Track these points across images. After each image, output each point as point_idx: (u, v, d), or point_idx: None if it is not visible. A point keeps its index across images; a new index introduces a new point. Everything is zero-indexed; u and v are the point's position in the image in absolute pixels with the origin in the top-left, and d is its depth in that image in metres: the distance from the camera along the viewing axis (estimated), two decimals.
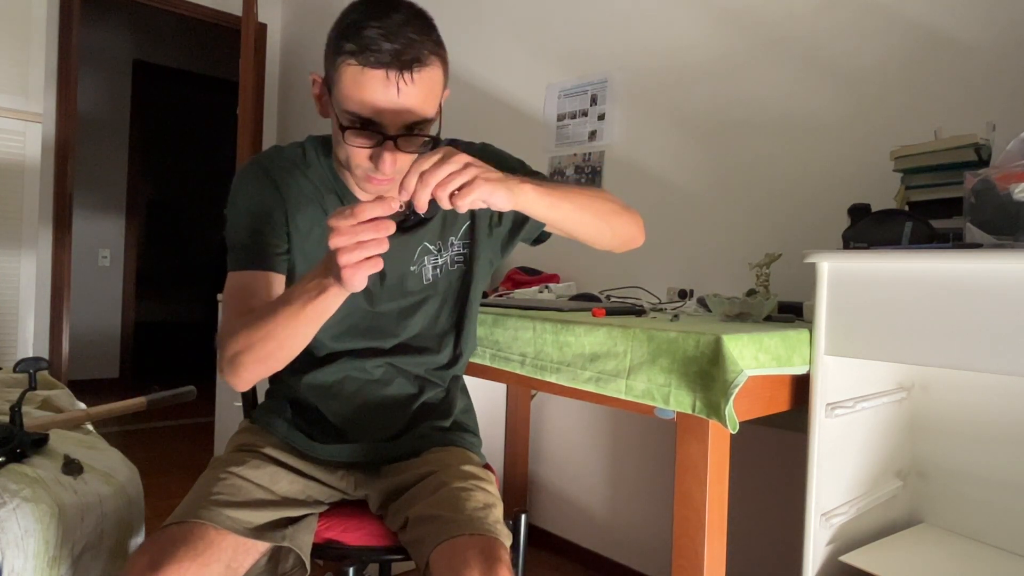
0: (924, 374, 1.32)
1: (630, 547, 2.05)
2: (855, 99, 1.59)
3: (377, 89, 0.88)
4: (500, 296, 1.86)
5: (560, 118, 2.27)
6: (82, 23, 3.27)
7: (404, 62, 0.88)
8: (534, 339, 1.24)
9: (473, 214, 1.14)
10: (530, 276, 2.17)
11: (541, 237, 1.19)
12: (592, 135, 2.17)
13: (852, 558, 1.15)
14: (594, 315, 1.27)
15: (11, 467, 1.13)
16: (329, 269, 0.80)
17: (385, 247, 0.75)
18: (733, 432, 0.99)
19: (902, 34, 1.52)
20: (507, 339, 1.29)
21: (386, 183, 0.97)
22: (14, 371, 1.25)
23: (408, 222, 1.10)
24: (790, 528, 1.68)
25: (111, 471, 1.25)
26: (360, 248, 0.74)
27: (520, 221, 1.15)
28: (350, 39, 0.88)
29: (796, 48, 1.70)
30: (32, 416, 1.47)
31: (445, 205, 0.78)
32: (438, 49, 0.93)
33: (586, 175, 2.17)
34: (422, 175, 0.76)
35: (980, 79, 1.41)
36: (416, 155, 0.91)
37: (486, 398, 2.23)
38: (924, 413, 1.33)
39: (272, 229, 1.04)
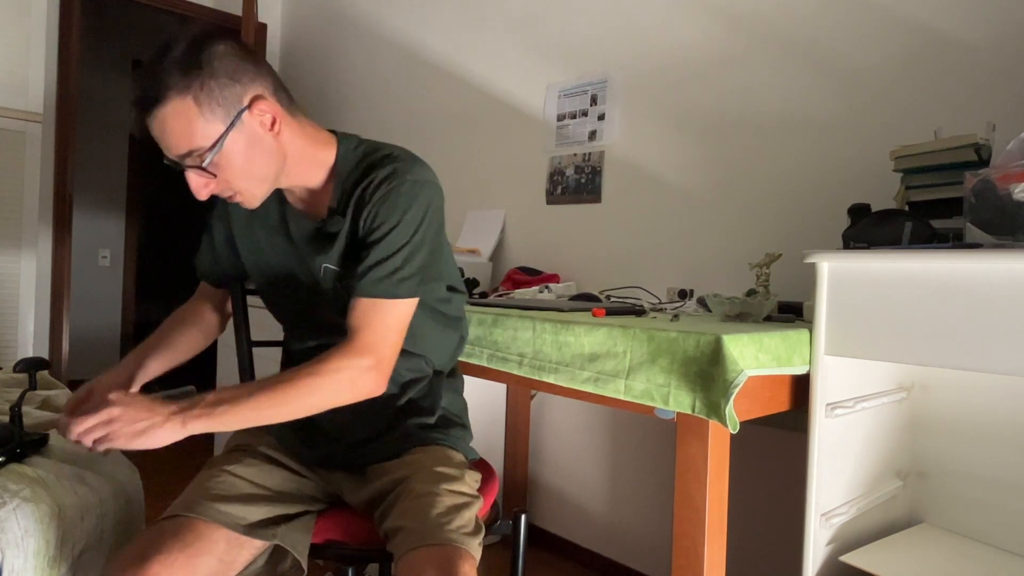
0: (924, 374, 1.31)
1: (630, 547, 2.05)
2: (855, 99, 1.59)
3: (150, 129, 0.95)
4: (500, 296, 1.86)
5: (560, 118, 2.27)
6: (82, 23, 3.26)
7: (144, 104, 0.92)
8: (533, 339, 1.24)
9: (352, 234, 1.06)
10: (530, 276, 2.17)
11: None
12: (592, 135, 2.16)
13: (852, 558, 1.15)
14: (594, 315, 1.27)
15: (11, 467, 1.13)
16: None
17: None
18: (733, 432, 0.99)
19: (902, 34, 1.52)
20: (506, 339, 1.29)
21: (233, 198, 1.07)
22: (14, 371, 1.24)
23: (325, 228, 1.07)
24: (790, 528, 1.68)
25: (111, 471, 1.25)
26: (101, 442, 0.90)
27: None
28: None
29: (796, 48, 1.70)
30: (32, 416, 1.47)
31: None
32: (186, 81, 0.90)
33: (586, 175, 2.17)
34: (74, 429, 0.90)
35: (980, 79, 1.41)
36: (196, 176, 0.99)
37: (486, 398, 2.23)
38: (924, 413, 1.33)
39: (212, 247, 1.21)
